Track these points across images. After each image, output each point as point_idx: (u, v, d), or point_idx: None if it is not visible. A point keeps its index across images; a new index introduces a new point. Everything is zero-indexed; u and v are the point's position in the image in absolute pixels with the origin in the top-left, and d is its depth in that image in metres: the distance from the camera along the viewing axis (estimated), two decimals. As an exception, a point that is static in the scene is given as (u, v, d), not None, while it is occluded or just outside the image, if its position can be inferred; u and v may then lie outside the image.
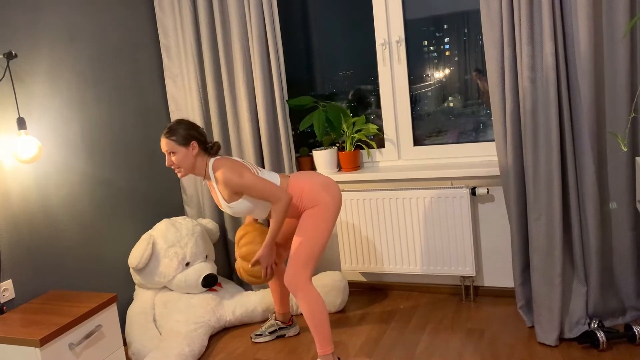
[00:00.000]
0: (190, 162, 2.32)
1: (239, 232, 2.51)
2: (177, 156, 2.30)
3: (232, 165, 2.28)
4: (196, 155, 2.32)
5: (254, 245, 2.43)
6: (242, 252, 2.45)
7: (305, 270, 2.30)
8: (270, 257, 2.40)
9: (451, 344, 2.53)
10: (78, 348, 2.11)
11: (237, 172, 2.25)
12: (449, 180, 2.93)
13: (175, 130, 2.30)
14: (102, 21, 2.85)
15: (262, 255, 2.38)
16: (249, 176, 2.26)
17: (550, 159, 2.33)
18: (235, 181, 2.24)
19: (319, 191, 2.35)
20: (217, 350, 2.71)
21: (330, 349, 2.32)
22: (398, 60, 3.02)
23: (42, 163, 2.49)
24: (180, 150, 2.30)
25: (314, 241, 2.31)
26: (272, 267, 2.43)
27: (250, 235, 2.46)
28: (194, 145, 2.31)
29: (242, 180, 2.25)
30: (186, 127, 2.32)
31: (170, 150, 2.30)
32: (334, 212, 2.35)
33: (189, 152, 2.30)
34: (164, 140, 2.31)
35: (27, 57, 2.44)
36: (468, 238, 2.82)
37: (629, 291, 2.46)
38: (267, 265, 2.41)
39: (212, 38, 3.07)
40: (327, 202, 2.34)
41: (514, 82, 2.41)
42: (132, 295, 2.94)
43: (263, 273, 2.42)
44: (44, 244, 2.47)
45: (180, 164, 2.31)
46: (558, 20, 2.26)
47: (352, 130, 3.09)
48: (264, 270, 2.42)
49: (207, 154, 2.37)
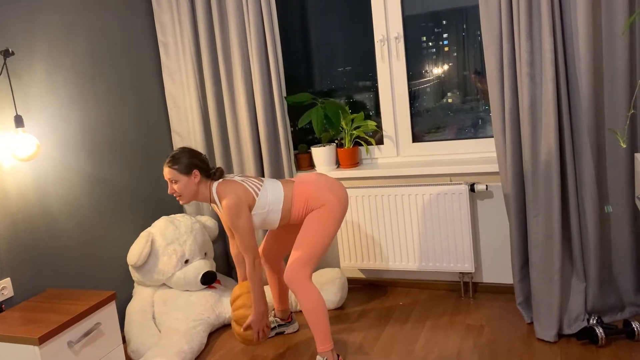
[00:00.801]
0: (192, 190, 2.34)
1: (234, 293, 2.54)
2: (178, 185, 2.33)
3: (237, 196, 2.29)
4: (198, 183, 2.34)
5: (246, 310, 2.45)
6: (235, 316, 2.48)
7: (306, 268, 2.30)
8: (261, 322, 2.42)
9: (450, 341, 2.54)
10: (77, 346, 2.11)
11: (235, 209, 2.27)
12: (448, 177, 2.93)
13: (177, 159, 2.33)
14: (100, 18, 2.84)
15: (253, 321, 2.41)
16: (243, 221, 2.28)
17: (549, 155, 2.32)
18: (230, 215, 2.28)
19: (324, 192, 2.36)
20: (216, 348, 2.71)
21: (330, 346, 2.33)
22: (397, 56, 3.01)
23: (40, 161, 2.48)
24: (182, 179, 2.32)
25: (318, 241, 2.31)
26: (264, 331, 2.45)
27: (243, 297, 2.48)
28: (195, 173, 2.33)
29: (237, 220, 2.28)
30: (188, 155, 2.34)
31: (172, 178, 2.33)
32: (339, 213, 2.36)
33: (191, 180, 2.33)
34: (167, 169, 2.34)
35: (24, 54, 2.43)
36: (467, 234, 2.82)
37: (627, 287, 2.47)
38: (259, 329, 2.43)
39: (210, 35, 3.06)
40: (332, 202, 2.34)
41: (513, 78, 2.40)
42: (131, 293, 2.94)
43: (254, 337, 2.45)
44: (43, 242, 2.46)
45: (182, 192, 2.34)
46: (557, 16, 2.26)
47: (351, 127, 3.09)
48: (256, 334, 2.44)
49: (209, 179, 2.38)
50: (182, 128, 3.26)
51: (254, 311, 2.40)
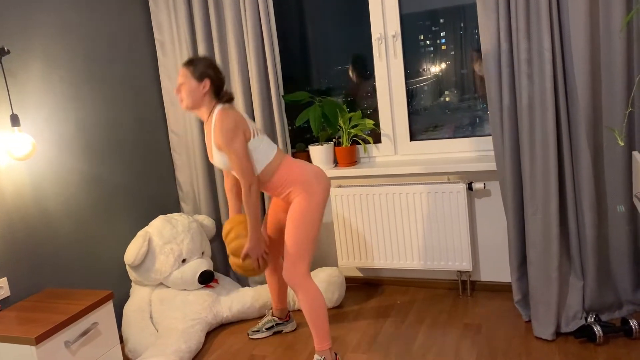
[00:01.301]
0: (197, 99, 2.29)
1: (225, 228, 2.46)
2: (185, 87, 2.28)
3: (235, 122, 2.23)
4: (204, 95, 2.29)
5: (241, 240, 2.38)
6: (231, 248, 2.41)
7: (301, 263, 2.29)
8: (258, 248, 2.34)
9: (448, 339, 2.54)
10: (74, 346, 2.10)
11: (231, 133, 2.21)
12: (446, 175, 2.93)
13: (195, 62, 2.29)
14: (96, 16, 2.83)
15: (250, 247, 2.33)
16: (238, 144, 2.22)
17: (547, 153, 2.32)
18: (225, 136, 2.21)
19: (310, 177, 2.33)
20: (214, 347, 2.71)
21: (328, 345, 2.32)
22: (394, 54, 3.00)
23: (36, 160, 2.47)
24: (191, 83, 2.28)
25: (306, 233, 2.28)
26: (263, 257, 2.38)
27: (236, 229, 2.41)
28: (205, 83, 2.28)
29: (232, 143, 2.21)
30: (207, 64, 2.30)
31: (183, 79, 2.29)
32: (322, 202, 2.32)
33: (199, 88, 2.28)
34: (182, 68, 2.30)
35: (19, 52, 2.42)
36: (465, 233, 2.82)
37: (625, 285, 2.47)
38: (258, 256, 2.36)
39: (207, 33, 3.05)
40: (315, 190, 2.31)
41: (511, 76, 2.40)
42: (128, 293, 2.93)
43: (255, 265, 2.37)
44: (39, 242, 2.45)
45: (187, 95, 2.29)
46: (555, 14, 2.25)
47: (349, 125, 3.08)
48: (255, 262, 2.36)
49: (216, 99, 2.34)
50: (179, 127, 3.25)
51: (250, 237, 2.32)
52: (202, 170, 3.18)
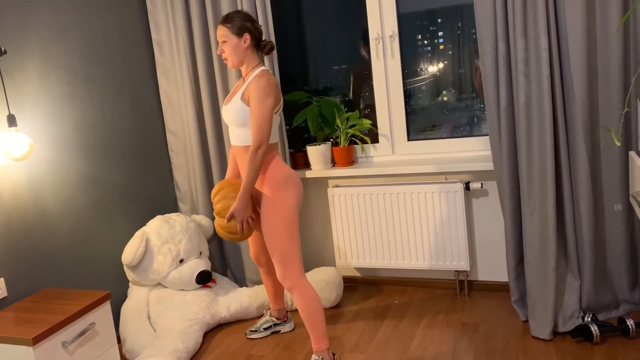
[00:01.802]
0: (240, 54, 2.30)
1: (213, 190, 2.42)
2: (228, 45, 2.29)
3: (275, 85, 2.25)
4: (246, 49, 2.30)
5: (228, 200, 2.34)
6: (217, 209, 2.37)
7: (292, 264, 2.29)
8: (245, 210, 2.30)
9: (445, 339, 2.54)
10: (71, 346, 2.09)
11: (267, 90, 2.21)
12: (443, 175, 2.93)
13: (231, 18, 2.29)
14: (93, 16, 2.82)
15: (237, 208, 2.28)
16: (267, 105, 2.22)
17: (544, 153, 2.33)
18: (259, 92, 2.21)
19: (292, 179, 2.31)
20: (212, 347, 2.71)
21: (326, 345, 2.32)
22: (392, 54, 3.00)
23: (33, 160, 2.47)
24: (232, 40, 2.28)
25: (289, 234, 2.27)
26: (248, 222, 2.33)
27: (224, 191, 2.38)
28: (246, 37, 2.28)
29: (265, 99, 2.21)
30: (243, 18, 2.30)
31: (223, 38, 2.29)
32: (296, 204, 2.31)
33: (240, 43, 2.28)
34: (220, 27, 2.30)
35: (16, 52, 2.41)
36: (462, 233, 2.82)
37: (622, 285, 2.48)
38: (243, 219, 2.31)
39: (205, 33, 3.05)
40: (291, 193, 2.29)
41: (508, 76, 2.40)
42: (125, 293, 2.93)
43: (239, 227, 2.32)
44: (37, 242, 2.45)
45: (230, 54, 2.30)
46: (552, 14, 2.26)
47: (346, 125, 3.08)
48: (240, 224, 2.32)
49: (258, 51, 2.34)
50: (177, 127, 3.25)
51: (239, 198, 2.27)
52: (199, 170, 3.18)
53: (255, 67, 2.33)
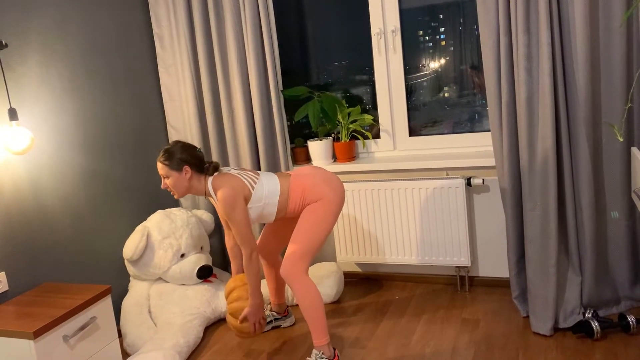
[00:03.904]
0: (184, 186, 2.35)
1: (227, 286, 2.52)
2: (170, 180, 2.34)
3: (232, 188, 2.28)
4: (190, 179, 2.34)
5: (242, 302, 2.45)
6: (231, 309, 2.48)
7: (302, 262, 2.30)
8: (257, 313, 2.42)
9: (446, 334, 2.54)
10: (72, 340, 2.10)
11: (231, 200, 2.27)
12: (445, 171, 2.93)
13: (170, 154, 2.33)
14: (94, 10, 2.82)
15: (249, 312, 2.40)
16: (239, 213, 2.28)
17: (546, 149, 2.32)
18: (225, 206, 2.27)
19: (321, 185, 2.35)
20: (212, 342, 2.71)
21: (326, 340, 2.33)
22: (393, 49, 3.00)
23: (34, 154, 2.46)
24: (173, 175, 2.33)
25: (314, 235, 2.30)
26: (260, 322, 2.45)
27: (238, 290, 2.47)
28: (186, 169, 2.32)
29: (232, 212, 2.28)
30: (180, 151, 2.33)
31: (164, 174, 2.34)
32: (336, 207, 2.35)
33: (182, 176, 2.33)
34: (159, 164, 2.35)
35: (17, 46, 2.41)
36: (463, 228, 2.82)
37: (623, 281, 2.48)
38: (255, 321, 2.43)
39: (206, 27, 3.04)
40: (329, 196, 2.33)
41: (510, 72, 2.40)
42: (126, 287, 2.93)
43: (251, 329, 2.44)
44: (37, 236, 2.45)
45: (174, 187, 2.35)
46: (554, 9, 2.25)
47: (348, 120, 3.08)
48: (252, 326, 2.44)
49: (203, 174, 2.37)
50: (178, 121, 3.24)
51: (251, 303, 2.39)
52: (200, 165, 3.18)
53: (207, 186, 2.35)
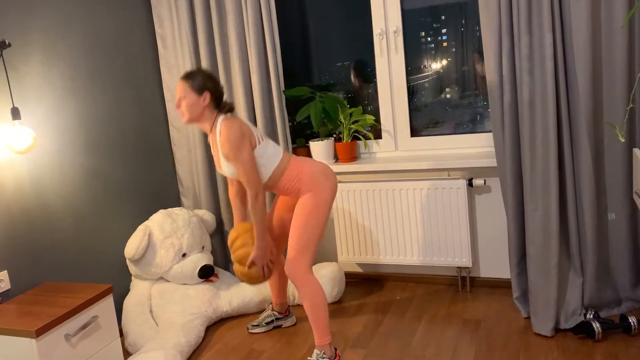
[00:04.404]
0: (197, 111, 2.29)
1: (230, 236, 2.49)
2: (186, 101, 2.29)
3: (241, 131, 2.25)
4: (205, 107, 2.30)
5: (247, 248, 2.41)
6: (237, 256, 2.44)
7: (304, 258, 2.30)
8: (264, 256, 2.37)
9: (447, 335, 2.54)
10: (74, 339, 2.10)
11: (238, 142, 2.23)
12: (446, 171, 2.93)
13: (193, 76, 2.29)
14: (97, 9, 2.82)
15: (257, 256, 2.36)
16: (245, 155, 2.24)
17: (548, 149, 2.32)
18: (232, 146, 2.22)
19: (318, 174, 2.34)
20: (213, 341, 2.71)
21: (328, 339, 2.33)
22: (395, 50, 3.00)
23: (36, 154, 2.47)
24: (191, 97, 2.28)
25: (311, 229, 2.30)
26: (268, 266, 2.41)
27: (242, 237, 2.44)
28: (206, 96, 2.28)
29: (239, 153, 2.23)
30: (205, 77, 2.30)
31: (182, 94, 2.29)
32: (329, 199, 2.34)
33: (199, 101, 2.28)
34: (180, 83, 2.30)
35: (20, 46, 2.41)
36: (465, 229, 2.82)
37: (624, 282, 2.47)
38: (263, 264, 2.39)
39: (208, 28, 3.05)
40: (324, 188, 2.32)
41: (512, 72, 2.40)
42: (128, 286, 2.94)
43: (260, 273, 2.41)
44: (39, 235, 2.46)
45: (187, 110, 2.30)
46: (557, 10, 2.25)
47: (349, 121, 3.08)
48: (261, 270, 2.40)
49: (217, 110, 2.34)
50: (179, 121, 3.25)
51: (257, 245, 2.34)
52: (202, 164, 3.18)
53: (215, 121, 2.33)
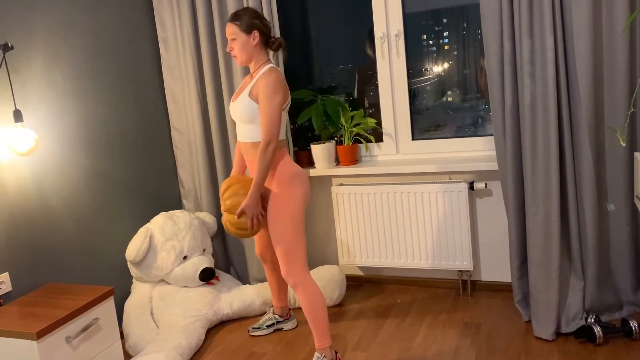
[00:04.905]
0: (249, 52, 2.31)
1: (222, 186, 2.42)
2: (237, 42, 2.30)
3: (283, 81, 2.26)
4: (256, 46, 2.31)
5: (238, 197, 2.35)
6: (226, 205, 2.37)
7: (297, 261, 2.29)
8: (256, 207, 2.31)
9: (448, 338, 2.54)
10: (75, 341, 2.10)
11: (277, 87, 2.23)
12: (447, 175, 2.93)
13: (240, 16, 2.30)
14: (99, 12, 2.83)
15: (247, 204, 2.29)
16: (277, 102, 2.23)
17: (549, 153, 2.32)
18: (270, 88, 2.22)
19: (296, 170, 2.33)
20: (214, 344, 2.71)
21: (328, 342, 2.33)
22: (397, 53, 3.00)
23: (38, 156, 2.48)
24: (241, 37, 2.29)
25: (294, 231, 2.28)
26: (258, 218, 2.35)
27: (234, 187, 2.38)
28: (255, 35, 2.29)
29: (273, 95, 2.22)
30: (252, 15, 2.31)
31: (232, 35, 2.30)
32: (305, 197, 2.33)
33: (249, 40, 2.29)
34: (228, 24, 2.31)
35: (22, 48, 2.42)
36: (466, 232, 2.82)
37: (625, 286, 2.47)
38: (254, 215, 2.32)
39: (210, 30, 3.06)
40: (295, 191, 2.30)
41: (513, 76, 2.40)
42: (129, 289, 2.94)
43: (249, 224, 2.33)
44: (41, 237, 2.46)
45: (239, 51, 2.31)
46: (558, 14, 2.25)
47: (351, 124, 3.08)
48: (250, 220, 2.32)
49: (267, 48, 2.35)
50: (182, 123, 3.25)
51: (251, 194, 2.28)
52: (203, 167, 3.19)
53: (263, 64, 2.34)
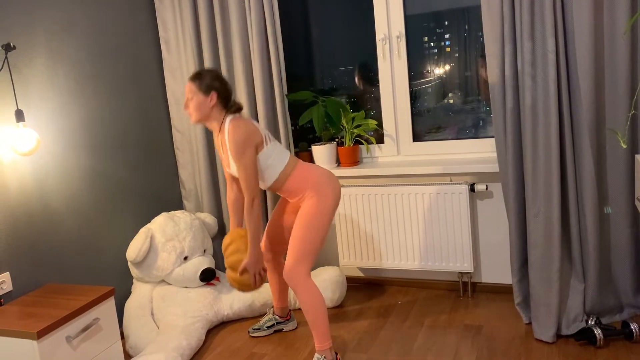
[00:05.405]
0: (205, 112, 2.32)
1: (224, 241, 2.49)
2: (193, 102, 2.31)
3: (246, 133, 2.26)
4: (213, 107, 2.32)
5: (240, 254, 2.41)
6: (229, 262, 2.44)
7: (304, 263, 2.30)
8: (257, 264, 2.38)
9: (448, 340, 2.54)
10: (75, 341, 2.11)
11: (242, 144, 2.25)
12: (448, 176, 2.93)
13: (201, 76, 2.31)
14: (101, 13, 2.84)
15: (249, 263, 2.36)
16: (248, 158, 2.26)
17: (550, 155, 2.32)
18: (236, 148, 2.25)
19: (323, 179, 2.35)
20: (214, 344, 2.71)
21: (328, 344, 2.33)
22: (398, 55, 3.01)
23: (40, 156, 2.48)
24: (198, 97, 2.30)
25: (313, 235, 2.30)
26: (260, 274, 2.42)
27: (235, 243, 2.44)
28: (213, 96, 2.30)
29: (242, 155, 2.25)
30: (212, 77, 2.32)
31: (190, 94, 2.32)
32: (333, 206, 2.35)
33: (207, 101, 2.30)
34: (188, 83, 2.33)
35: (24, 48, 2.43)
36: (466, 234, 2.82)
37: (626, 288, 2.47)
38: (255, 272, 2.39)
39: (212, 32, 3.06)
40: (328, 194, 2.33)
41: (515, 78, 2.40)
42: (129, 289, 2.94)
43: (252, 280, 2.41)
44: (42, 237, 2.46)
45: (195, 110, 2.32)
46: (559, 16, 2.26)
47: (352, 125, 3.09)
48: (252, 277, 2.40)
49: (225, 110, 2.36)
50: (183, 124, 3.26)
51: (250, 253, 2.34)
52: (204, 168, 3.19)
53: (223, 121, 2.34)
